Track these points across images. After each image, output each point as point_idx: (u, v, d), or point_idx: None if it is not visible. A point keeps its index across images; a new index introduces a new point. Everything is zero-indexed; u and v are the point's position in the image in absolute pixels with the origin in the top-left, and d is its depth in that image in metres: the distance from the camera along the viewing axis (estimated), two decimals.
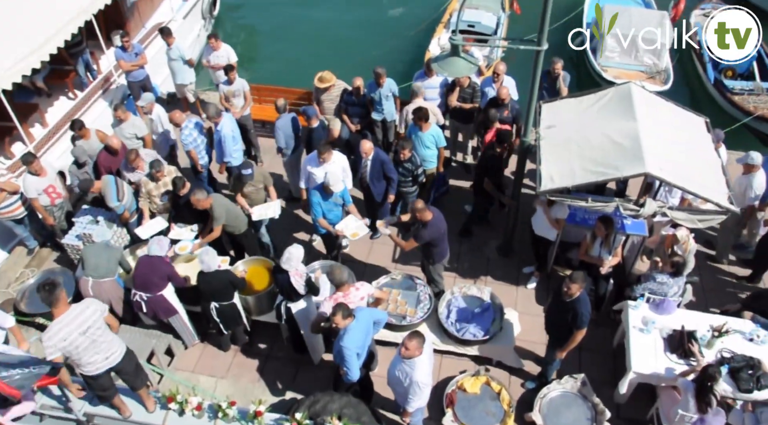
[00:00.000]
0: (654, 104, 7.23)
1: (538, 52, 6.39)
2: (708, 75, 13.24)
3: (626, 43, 12.98)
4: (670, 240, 7.15)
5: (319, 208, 7.39)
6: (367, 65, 11.29)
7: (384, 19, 16.90)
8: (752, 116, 11.60)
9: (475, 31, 13.81)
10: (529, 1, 16.81)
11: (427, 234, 6.75)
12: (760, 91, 12.40)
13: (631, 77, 12.39)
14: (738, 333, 6.56)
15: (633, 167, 6.19)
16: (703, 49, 13.88)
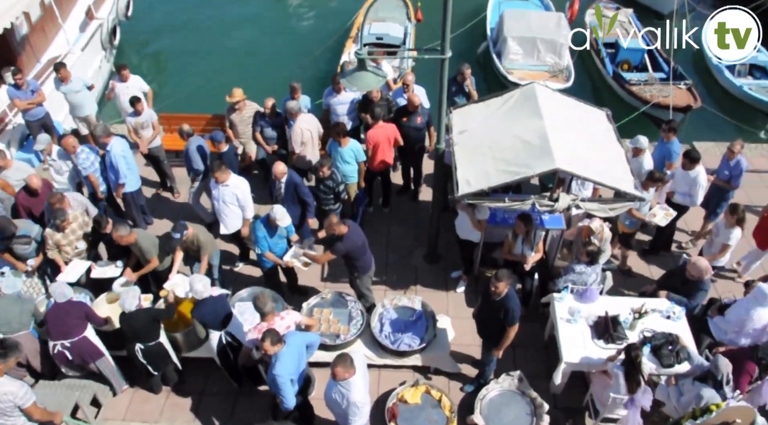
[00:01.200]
0: (557, 101, 7.51)
1: (443, 61, 6.51)
2: (607, 69, 13.94)
3: (527, 45, 13.50)
4: (586, 231, 7.43)
5: (265, 242, 7.18)
6: (278, 87, 11.25)
7: (292, 39, 16.83)
8: (650, 104, 12.31)
9: (384, 43, 14.00)
10: (434, 9, 17.35)
11: (343, 247, 6.73)
12: (653, 81, 13.16)
13: (535, 77, 12.86)
14: (656, 312, 6.88)
15: (544, 164, 6.39)
16: (599, 45, 14.64)
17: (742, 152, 8.20)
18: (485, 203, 6.71)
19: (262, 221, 7.15)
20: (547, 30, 13.55)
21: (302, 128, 8.55)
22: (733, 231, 7.32)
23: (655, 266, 8.51)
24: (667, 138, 8.47)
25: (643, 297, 7.21)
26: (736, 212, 7.24)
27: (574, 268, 6.95)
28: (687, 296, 7.01)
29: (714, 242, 7.55)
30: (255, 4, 19.02)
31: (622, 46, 14.16)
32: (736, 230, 7.32)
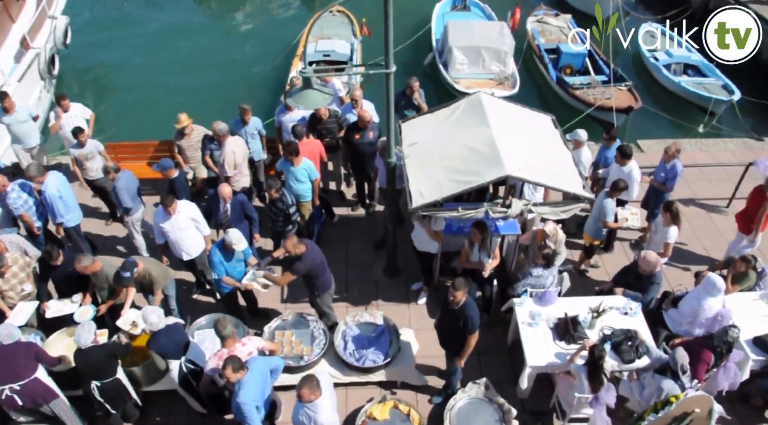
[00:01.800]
0: (503, 109, 7.64)
1: (388, 75, 6.54)
2: (550, 74, 14.27)
3: (472, 55, 13.73)
4: (540, 235, 7.54)
5: (222, 267, 7.03)
6: (226, 109, 11.14)
7: (238, 59, 16.73)
8: (593, 107, 12.65)
9: (331, 60, 14.04)
10: (379, 24, 17.49)
11: (302, 267, 6.67)
12: (596, 84, 13.56)
13: (481, 86, 13.12)
14: (614, 309, 7.02)
15: (494, 172, 6.48)
16: (542, 52, 15.00)
17: (678, 156, 8.42)
18: (439, 214, 6.75)
19: (217, 246, 7.03)
20: (491, 39, 13.82)
21: (233, 151, 8.46)
22: (670, 230, 7.46)
23: (610, 265, 8.69)
24: (607, 144, 8.79)
25: (600, 295, 7.36)
26: (671, 210, 7.41)
27: (531, 272, 7.05)
28: (641, 291, 7.19)
29: (653, 239, 7.72)
30: (198, 26, 18.90)
31: (564, 51, 14.58)
32: (673, 228, 7.46)
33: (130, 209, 8.30)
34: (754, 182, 9.65)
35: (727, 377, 6.48)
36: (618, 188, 7.72)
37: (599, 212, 7.88)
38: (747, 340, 6.89)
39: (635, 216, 8.23)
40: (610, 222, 7.88)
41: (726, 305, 6.96)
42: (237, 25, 19.29)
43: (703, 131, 13.11)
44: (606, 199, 7.82)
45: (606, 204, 7.81)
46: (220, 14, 20.04)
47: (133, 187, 8.27)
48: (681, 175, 8.49)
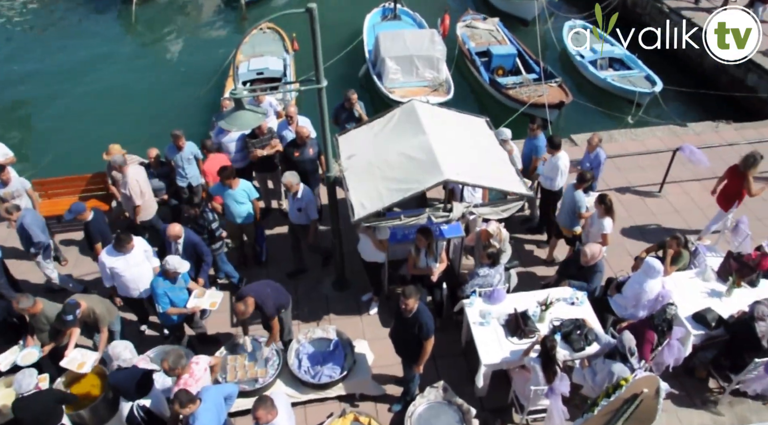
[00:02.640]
0: (438, 115, 7.75)
1: (320, 90, 6.56)
2: (483, 77, 14.57)
3: (405, 64, 13.89)
4: (484, 235, 7.67)
5: (166, 298, 6.84)
6: (160, 135, 10.93)
7: (169, 84, 16.42)
8: (527, 105, 12.96)
9: (265, 77, 13.98)
10: (310, 39, 17.51)
11: (271, 309, 6.60)
12: (528, 83, 13.92)
13: (416, 94, 13.28)
14: (561, 301, 7.19)
15: (433, 178, 6.55)
16: (473, 56, 15.31)
17: (601, 145, 8.77)
18: (383, 224, 6.78)
19: (158, 277, 6.86)
20: (422, 47, 14.01)
21: (136, 180, 8.27)
22: (605, 221, 7.66)
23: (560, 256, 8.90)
24: (534, 134, 8.97)
25: (547, 288, 7.52)
26: (604, 203, 7.61)
27: (478, 272, 7.15)
28: (586, 281, 7.39)
29: (591, 232, 7.93)
30: (127, 52, 18.53)
31: (494, 53, 14.91)
32: (607, 219, 7.66)
33: (41, 245, 7.91)
34: (682, 166, 10.13)
35: (672, 354, 6.73)
36: (584, 179, 7.92)
37: (573, 206, 8.04)
38: (687, 317, 7.19)
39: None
40: (585, 213, 8.05)
41: (666, 286, 7.24)
42: (167, 49, 18.97)
43: (632, 121, 13.62)
44: (575, 191, 7.99)
45: (577, 197, 7.98)
46: (149, 39, 19.68)
47: (40, 222, 7.94)
48: (604, 163, 8.82)
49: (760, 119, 12.94)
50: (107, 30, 19.89)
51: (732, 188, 8.78)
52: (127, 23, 20.29)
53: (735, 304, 7.29)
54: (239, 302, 6.38)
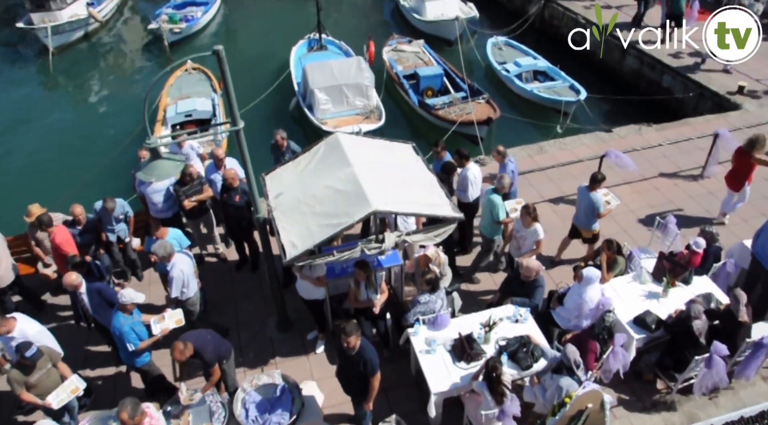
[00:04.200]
0: (363, 145, 7.69)
1: (238, 132, 6.42)
2: (412, 100, 14.70)
3: (334, 93, 13.89)
4: (423, 260, 7.62)
5: (134, 333, 6.64)
6: (85, 190, 10.54)
7: (95, 136, 15.86)
8: (457, 123, 13.10)
9: (194, 120, 13.75)
10: (240, 75, 17.37)
11: (211, 356, 6.41)
12: (456, 102, 14.11)
13: (349, 123, 13.31)
14: (505, 319, 7.18)
15: (362, 210, 6.46)
16: (401, 79, 15.45)
17: (508, 156, 8.89)
18: (317, 261, 6.65)
19: (118, 315, 6.64)
20: (350, 75, 14.06)
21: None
22: (534, 227, 7.76)
23: (499, 275, 8.92)
24: (439, 156, 8.97)
25: (491, 308, 7.51)
26: (530, 212, 7.70)
27: (419, 300, 7.08)
28: (527, 297, 7.41)
29: (525, 244, 8.00)
30: (47, 105, 17.89)
31: (421, 75, 15.10)
32: (536, 225, 7.77)
33: None
34: (611, 171, 10.37)
35: (617, 360, 6.79)
36: (596, 180, 8.26)
37: (591, 207, 8.34)
38: (628, 322, 7.29)
39: (613, 196, 8.90)
40: (603, 212, 8.35)
41: (605, 293, 7.33)
42: (89, 98, 18.46)
43: (561, 130, 13.94)
44: (591, 193, 8.30)
45: (594, 198, 8.28)
46: (69, 89, 19.13)
47: None
48: (516, 172, 8.97)
49: (679, 119, 13.44)
50: (23, 83, 19.22)
51: (740, 169, 9.23)
52: (44, 74, 19.66)
53: (672, 303, 7.45)
54: (178, 342, 6.21)
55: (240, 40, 21.50)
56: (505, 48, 17.58)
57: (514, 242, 8.19)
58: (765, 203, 10.39)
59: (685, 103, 14.71)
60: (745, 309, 6.93)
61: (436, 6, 18.92)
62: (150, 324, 6.95)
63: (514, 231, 8.08)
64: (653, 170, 11.36)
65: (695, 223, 9.64)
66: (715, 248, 8.09)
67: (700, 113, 13.88)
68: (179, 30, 19.85)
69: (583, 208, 8.54)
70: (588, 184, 8.40)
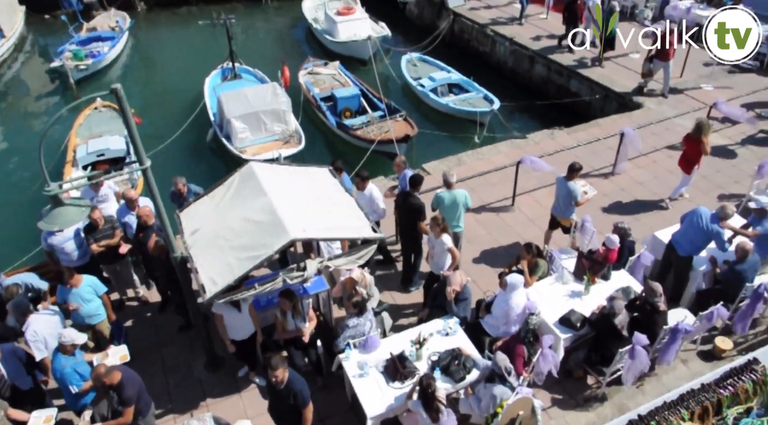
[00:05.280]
0: (278, 173, 7.61)
1: (145, 170, 6.22)
2: (330, 121, 14.72)
3: (251, 121, 13.72)
4: (349, 283, 7.57)
5: (76, 374, 6.36)
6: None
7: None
8: (376, 142, 13.17)
9: (107, 159, 13.26)
10: (152, 109, 16.93)
11: (131, 392, 6.09)
12: (374, 121, 14.22)
13: (268, 149, 13.18)
14: (435, 334, 7.21)
15: (280, 240, 6.36)
16: (319, 102, 15.44)
17: (406, 166, 8.99)
18: (238, 296, 6.48)
19: (59, 356, 6.37)
20: (266, 101, 13.94)
21: None
22: (443, 238, 7.80)
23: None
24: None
25: (420, 324, 7.53)
26: (438, 224, 7.75)
27: (347, 324, 7.02)
28: (453, 309, 7.47)
29: (435, 254, 8.02)
30: None
31: (338, 96, 15.15)
32: (445, 236, 7.82)
33: None
34: (528, 177, 10.69)
35: (547, 362, 6.93)
36: (574, 169, 8.76)
37: (569, 196, 8.82)
38: (555, 322, 7.48)
39: (589, 186, 9.46)
40: (581, 200, 8.83)
41: (530, 298, 7.50)
42: None
43: (479, 141, 14.27)
44: (568, 183, 8.78)
45: (571, 187, 8.77)
46: None
47: None
48: None
49: (588, 120, 14.02)
50: None
51: (691, 153, 9.99)
52: None
53: (594, 300, 7.70)
54: (101, 365, 6.08)
55: (152, 73, 20.97)
56: (419, 64, 17.91)
57: (428, 255, 8.25)
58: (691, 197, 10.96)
59: (592, 105, 15.36)
60: (661, 298, 7.25)
61: (348, 27, 19.09)
62: (93, 361, 6.70)
63: (428, 244, 8.14)
64: None
65: (610, 220, 10.02)
66: (629, 242, 8.46)
67: (607, 114, 14.53)
68: (85, 67, 19.14)
69: (562, 197, 8.98)
70: (566, 174, 8.87)
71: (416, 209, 8.27)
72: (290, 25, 23.53)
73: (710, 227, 7.92)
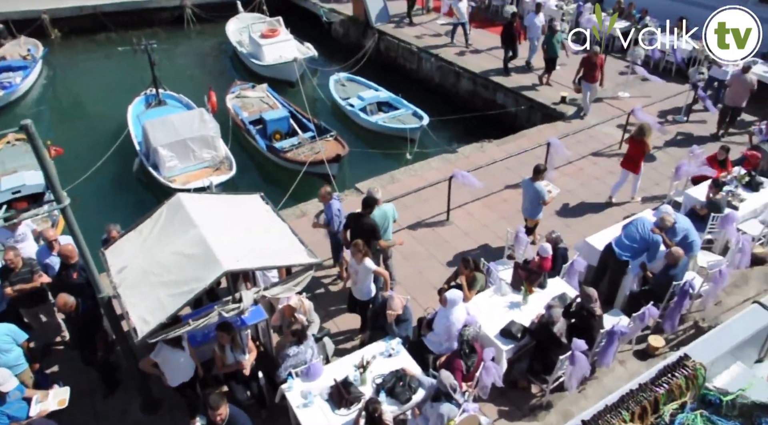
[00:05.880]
0: (207, 203, 7.40)
1: (63, 209, 5.91)
2: (260, 145, 14.50)
3: (179, 149, 13.34)
4: (288, 311, 7.41)
5: (5, 417, 6.01)
6: None
7: None
8: (307, 164, 13.04)
9: (25, 196, 12.57)
10: (71, 139, 16.19)
11: None
12: (305, 142, 14.11)
13: (198, 177, 12.85)
14: (378, 356, 7.13)
15: (213, 272, 6.16)
16: (248, 125, 15.21)
17: (331, 196, 8.77)
18: (171, 335, 6.21)
19: None
20: (193, 128, 13.60)
21: None
22: (366, 263, 7.70)
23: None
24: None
25: (363, 347, 7.44)
26: (360, 249, 7.66)
27: (288, 353, 6.85)
28: (395, 331, 7.42)
29: (359, 280, 7.90)
30: None
31: (267, 119, 14.96)
32: (367, 260, 7.72)
33: None
34: (461, 190, 10.82)
35: (490, 375, 6.97)
36: (539, 171, 9.32)
37: (536, 196, 9.38)
38: (496, 335, 7.55)
39: (552, 185, 10.01)
40: (548, 199, 9.45)
41: (470, 312, 7.55)
42: None
43: (411, 157, 14.37)
44: (535, 183, 9.31)
45: (538, 187, 9.32)
46: None
47: None
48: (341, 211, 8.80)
49: (516, 132, 14.39)
50: None
51: (635, 153, 10.67)
52: None
53: (533, 309, 7.84)
54: None
55: (70, 103, 20.10)
56: (347, 83, 17.95)
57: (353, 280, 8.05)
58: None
59: (518, 116, 15.79)
60: (596, 303, 7.44)
61: (274, 49, 18.93)
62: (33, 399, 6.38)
63: (351, 271, 8.01)
64: (499, 184, 12.02)
65: (542, 228, 10.26)
66: (561, 249, 8.67)
67: (533, 124, 14.96)
68: None
69: (529, 198, 9.51)
70: (531, 176, 9.36)
71: (371, 228, 8.33)
72: (215, 49, 23.14)
73: (651, 236, 8.26)
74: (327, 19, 22.94)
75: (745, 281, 9.36)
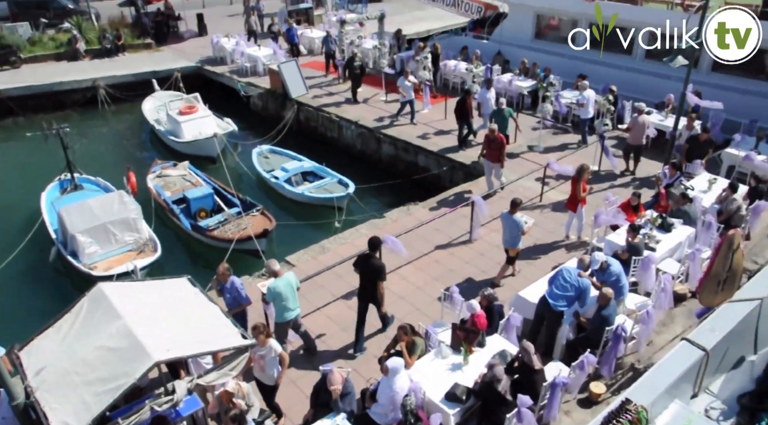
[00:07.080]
0: (132, 291, 7.10)
1: None
2: (185, 224, 14.13)
3: (99, 234, 12.81)
4: (225, 397, 7.05)
5: None
6: None
7: None
8: (234, 241, 12.74)
9: None
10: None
11: None
12: (231, 218, 13.87)
13: (122, 261, 12.39)
14: None
15: (142, 364, 5.85)
16: (171, 205, 14.81)
17: (230, 273, 8.48)
18: None
19: None
20: (113, 211, 13.14)
21: None
22: (271, 344, 7.36)
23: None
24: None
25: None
26: (261, 331, 7.16)
27: None
28: (339, 406, 7.22)
29: (266, 364, 7.46)
30: None
31: (190, 197, 14.65)
32: (272, 341, 7.37)
33: None
34: (392, 255, 10.84)
35: None
36: (516, 204, 10.28)
37: (515, 228, 10.28)
38: (441, 399, 7.45)
39: (527, 217, 10.78)
40: (526, 229, 10.34)
41: (413, 378, 7.45)
42: None
43: (340, 225, 14.35)
44: (513, 216, 10.24)
45: (516, 219, 10.25)
46: None
47: None
48: (241, 288, 8.52)
49: (440, 192, 14.72)
50: None
51: (573, 193, 11.54)
52: None
53: (475, 369, 7.81)
54: None
55: None
56: (270, 155, 17.96)
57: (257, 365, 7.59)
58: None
59: (441, 177, 16.18)
60: (536, 357, 7.52)
61: (192, 126, 18.75)
62: None
63: (253, 353, 7.37)
64: (429, 245, 12.15)
65: (477, 285, 10.39)
66: (497, 306, 8.78)
67: (456, 184, 15.35)
68: None
69: (509, 230, 10.40)
70: (509, 209, 10.27)
71: (378, 269, 9.10)
72: (132, 129, 22.69)
73: (580, 281, 8.58)
74: (245, 93, 23.07)
75: (671, 319, 9.75)
